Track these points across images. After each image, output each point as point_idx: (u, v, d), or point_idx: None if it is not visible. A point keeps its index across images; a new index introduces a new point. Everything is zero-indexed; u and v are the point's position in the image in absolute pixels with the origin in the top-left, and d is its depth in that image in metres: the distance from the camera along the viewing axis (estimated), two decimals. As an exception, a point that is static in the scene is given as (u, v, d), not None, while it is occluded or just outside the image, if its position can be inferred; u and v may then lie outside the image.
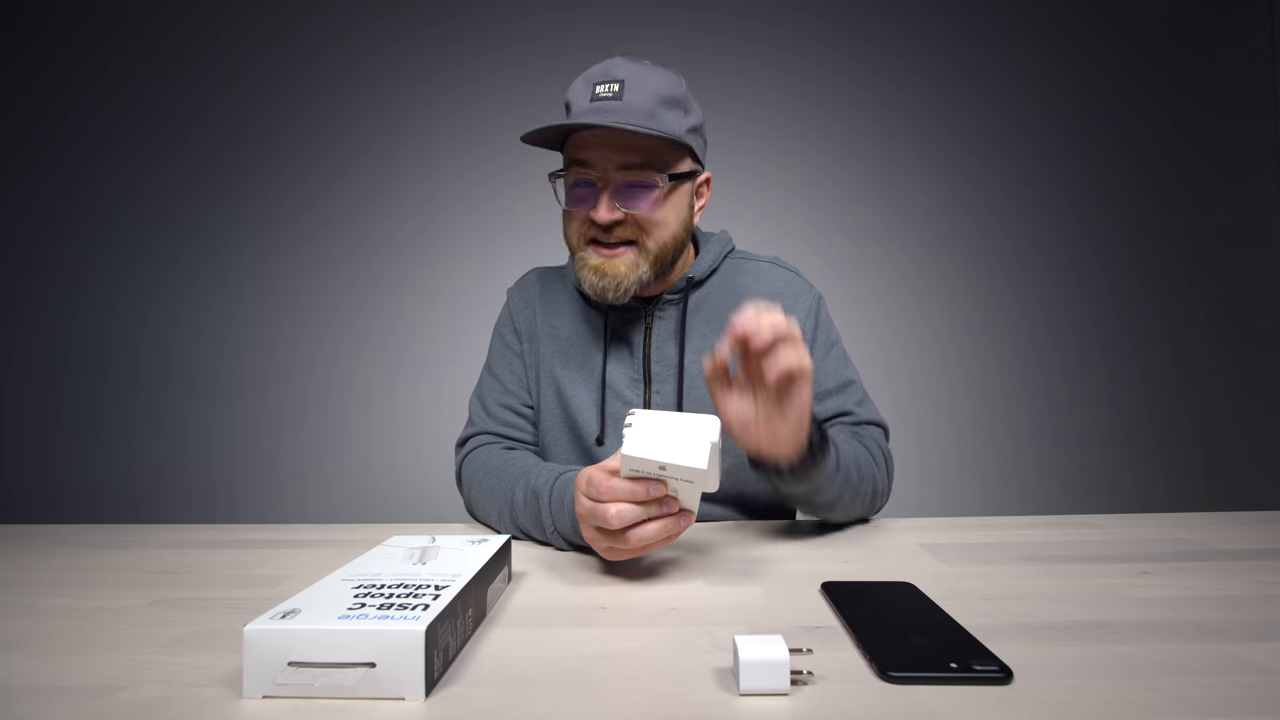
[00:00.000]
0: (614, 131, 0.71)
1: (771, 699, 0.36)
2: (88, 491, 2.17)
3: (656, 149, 0.74)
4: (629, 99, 0.72)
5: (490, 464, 0.80)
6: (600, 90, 0.73)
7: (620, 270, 0.75)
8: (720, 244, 0.89)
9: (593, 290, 0.77)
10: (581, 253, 0.78)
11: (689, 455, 0.50)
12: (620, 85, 0.73)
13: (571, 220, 0.78)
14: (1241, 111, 2.15)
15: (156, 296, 2.19)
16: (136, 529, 0.81)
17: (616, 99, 0.72)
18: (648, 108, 0.72)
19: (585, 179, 0.75)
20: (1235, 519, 0.78)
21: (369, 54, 2.19)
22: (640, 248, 0.76)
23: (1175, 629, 0.44)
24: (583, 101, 0.74)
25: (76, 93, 2.20)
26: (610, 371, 0.83)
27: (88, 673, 0.40)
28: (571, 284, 0.90)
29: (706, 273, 0.86)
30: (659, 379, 0.82)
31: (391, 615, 0.37)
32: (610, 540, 0.55)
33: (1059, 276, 2.16)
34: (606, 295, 0.77)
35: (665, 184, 0.75)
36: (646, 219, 0.75)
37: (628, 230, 0.75)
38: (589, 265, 0.77)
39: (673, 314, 0.84)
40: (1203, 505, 2.08)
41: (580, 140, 0.74)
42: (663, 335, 0.83)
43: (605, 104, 0.72)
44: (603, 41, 2.14)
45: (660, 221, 0.76)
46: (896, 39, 2.17)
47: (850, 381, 0.85)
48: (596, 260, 0.76)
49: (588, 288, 0.78)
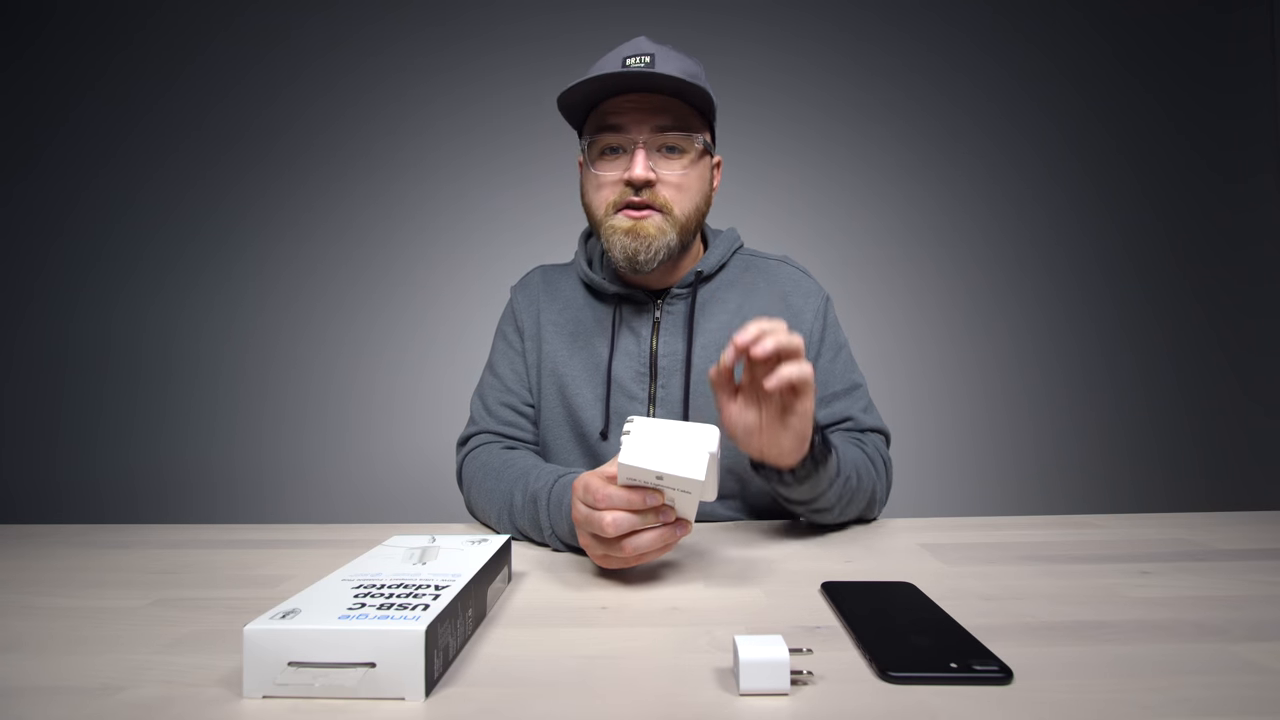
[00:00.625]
0: (649, 96, 0.75)
1: (771, 699, 0.36)
2: (88, 491, 2.17)
3: (687, 116, 0.77)
4: (660, 68, 0.74)
5: (490, 464, 0.80)
6: (631, 62, 0.75)
7: (650, 231, 0.76)
8: (729, 240, 0.89)
9: (623, 254, 0.77)
10: (610, 220, 0.78)
11: (687, 466, 0.50)
12: (651, 57, 0.75)
13: (600, 187, 0.79)
14: (1242, 111, 2.15)
15: (156, 296, 2.19)
16: (136, 529, 0.81)
17: (649, 69, 0.74)
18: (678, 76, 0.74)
19: (616, 144, 0.77)
20: (1235, 519, 0.78)
21: (369, 54, 2.19)
22: (668, 214, 0.77)
23: (1175, 629, 0.44)
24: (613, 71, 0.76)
25: (77, 93, 2.20)
26: (616, 364, 0.83)
27: (88, 673, 0.40)
28: (577, 276, 0.90)
29: (715, 268, 0.86)
30: (665, 373, 0.82)
31: (391, 615, 0.37)
32: (606, 548, 0.55)
33: (1059, 277, 2.16)
34: (638, 257, 0.77)
35: (699, 146, 0.77)
36: (678, 182, 0.77)
37: (657, 195, 0.77)
38: (619, 229, 0.77)
39: (681, 308, 0.84)
40: (1203, 505, 2.08)
41: (613, 106, 0.76)
42: (671, 329, 0.83)
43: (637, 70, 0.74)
44: (603, 41, 2.14)
45: (689, 187, 0.78)
46: (896, 39, 2.17)
47: (857, 385, 0.85)
48: (627, 223, 0.77)
49: (618, 252, 0.78)
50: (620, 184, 0.77)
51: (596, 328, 0.86)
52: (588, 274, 0.87)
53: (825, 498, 0.68)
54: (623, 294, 0.84)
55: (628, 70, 0.72)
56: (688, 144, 0.77)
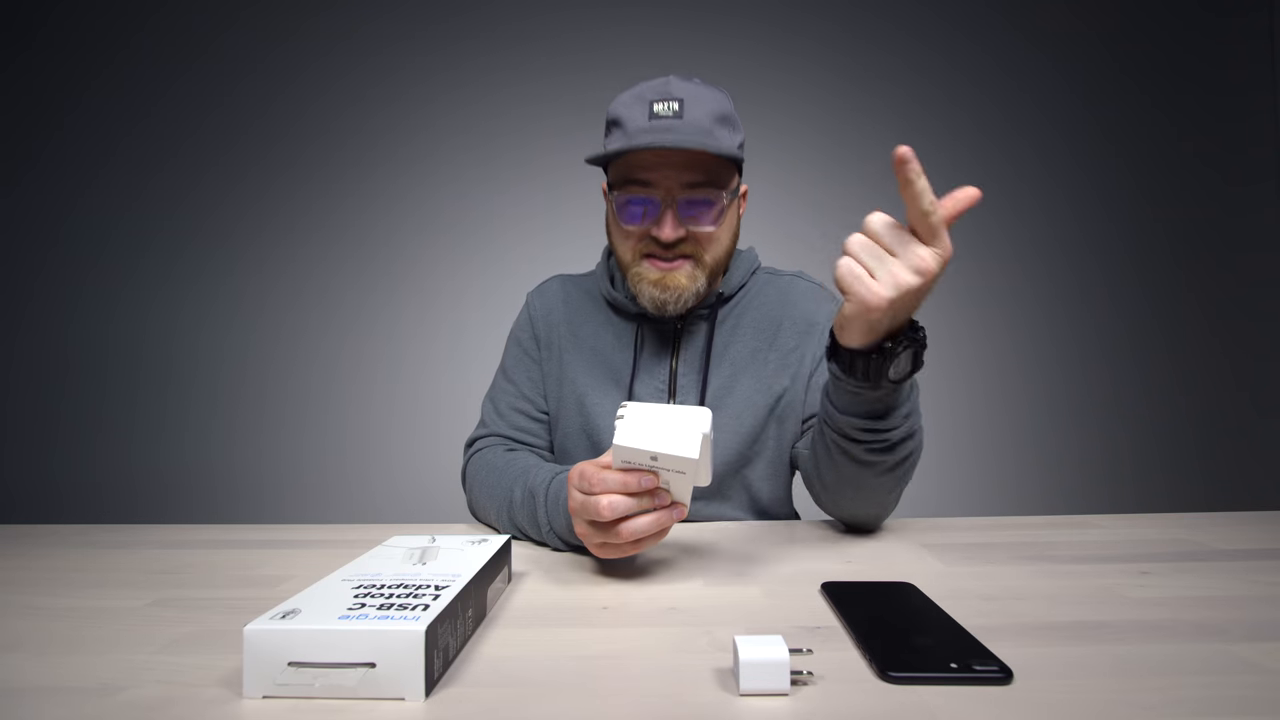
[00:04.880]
0: (676, 151, 0.72)
1: (771, 699, 0.36)
2: (88, 491, 2.17)
3: (717, 167, 0.75)
4: (689, 117, 0.73)
5: (493, 464, 0.81)
6: (659, 109, 0.74)
7: (681, 283, 0.77)
8: (749, 261, 0.90)
9: (652, 304, 0.79)
10: (637, 268, 0.79)
11: (680, 445, 0.50)
12: (680, 104, 0.74)
13: (628, 236, 0.79)
14: (1242, 115, 2.15)
15: (157, 296, 2.19)
16: (136, 529, 0.81)
17: (677, 117, 0.73)
18: (707, 126, 0.73)
19: (644, 196, 0.76)
20: (1235, 519, 0.78)
21: (369, 54, 2.19)
22: (698, 261, 0.78)
23: (1175, 629, 0.44)
24: (640, 119, 0.75)
25: (77, 93, 2.20)
26: (636, 384, 0.84)
27: (88, 673, 0.40)
28: (600, 295, 0.90)
29: (735, 289, 0.87)
30: (684, 392, 0.83)
31: (391, 615, 0.37)
32: (603, 535, 0.55)
33: (1059, 278, 2.16)
34: (667, 308, 0.79)
35: (727, 200, 0.77)
36: (708, 235, 0.77)
37: (687, 246, 0.77)
38: (647, 279, 0.78)
39: (702, 329, 0.85)
40: (1203, 505, 2.08)
41: (639, 160, 0.75)
42: (690, 349, 0.84)
43: (665, 122, 0.73)
44: (603, 41, 2.15)
45: (718, 238, 0.78)
46: (895, 39, 2.17)
47: None
48: (656, 274, 0.78)
49: (646, 301, 0.79)
50: (648, 239, 0.77)
51: (617, 344, 0.86)
52: (610, 293, 0.87)
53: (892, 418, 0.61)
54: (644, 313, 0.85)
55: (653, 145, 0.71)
56: (718, 197, 0.77)
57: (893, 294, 0.52)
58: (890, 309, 0.53)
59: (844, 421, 0.63)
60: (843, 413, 0.63)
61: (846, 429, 0.63)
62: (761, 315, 0.87)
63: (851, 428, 0.63)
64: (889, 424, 0.62)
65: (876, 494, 0.69)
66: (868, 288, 0.52)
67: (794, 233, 2.15)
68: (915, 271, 0.52)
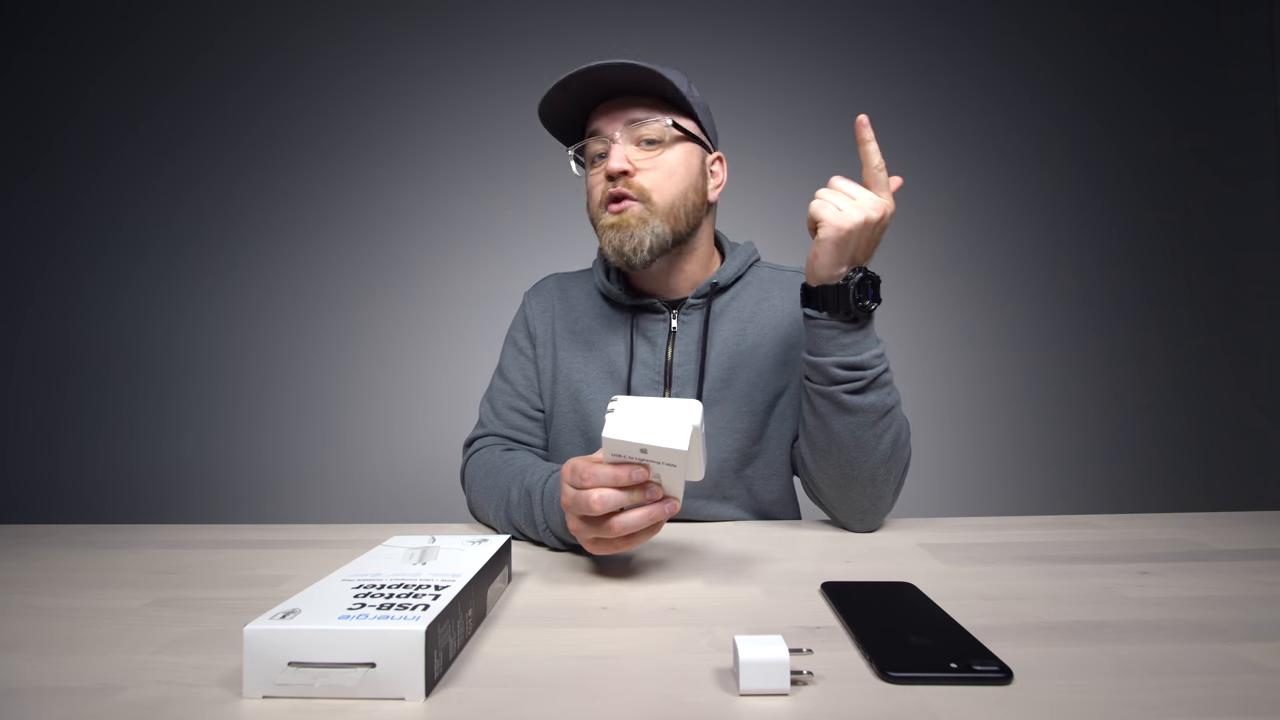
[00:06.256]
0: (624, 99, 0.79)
1: (771, 699, 0.36)
2: (88, 491, 2.17)
3: (662, 107, 0.79)
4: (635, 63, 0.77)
5: (491, 464, 0.81)
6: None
7: (631, 221, 0.78)
8: (746, 253, 0.90)
9: (613, 250, 0.79)
10: (600, 220, 0.81)
11: (670, 437, 0.50)
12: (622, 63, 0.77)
13: (591, 192, 0.82)
14: (1242, 114, 2.15)
15: (157, 296, 2.19)
16: (136, 529, 0.81)
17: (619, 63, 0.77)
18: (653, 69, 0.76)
19: (601, 150, 0.80)
20: (1235, 519, 0.78)
21: (370, 54, 2.19)
22: (647, 202, 0.79)
23: (1175, 629, 0.44)
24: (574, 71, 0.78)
25: (77, 94, 2.20)
26: (633, 376, 0.84)
27: (88, 673, 0.40)
28: (595, 286, 0.90)
29: (732, 279, 0.87)
30: (680, 382, 0.83)
31: (391, 615, 0.37)
32: (595, 529, 0.55)
33: (1059, 277, 2.16)
34: (624, 248, 0.78)
35: (668, 126, 0.79)
36: (654, 168, 0.78)
37: (633, 184, 0.78)
38: (606, 226, 0.79)
39: (697, 318, 0.85)
40: (1203, 505, 2.08)
41: (593, 116, 0.81)
42: (686, 339, 0.84)
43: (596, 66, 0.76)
44: (603, 41, 2.14)
45: (668, 174, 0.79)
46: (894, 39, 2.17)
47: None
48: (612, 219, 0.79)
49: (609, 251, 0.79)
50: (605, 182, 0.79)
51: (611, 336, 0.86)
52: (605, 284, 0.87)
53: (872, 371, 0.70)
54: (639, 304, 0.85)
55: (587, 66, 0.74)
56: (663, 134, 0.79)
57: (859, 219, 0.66)
58: (854, 236, 0.67)
59: (822, 364, 0.71)
60: (820, 356, 0.71)
61: (826, 369, 0.71)
62: (763, 309, 0.86)
63: (830, 366, 0.70)
64: (863, 360, 0.70)
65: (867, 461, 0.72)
66: (840, 215, 0.67)
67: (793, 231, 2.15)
68: (873, 208, 0.68)
